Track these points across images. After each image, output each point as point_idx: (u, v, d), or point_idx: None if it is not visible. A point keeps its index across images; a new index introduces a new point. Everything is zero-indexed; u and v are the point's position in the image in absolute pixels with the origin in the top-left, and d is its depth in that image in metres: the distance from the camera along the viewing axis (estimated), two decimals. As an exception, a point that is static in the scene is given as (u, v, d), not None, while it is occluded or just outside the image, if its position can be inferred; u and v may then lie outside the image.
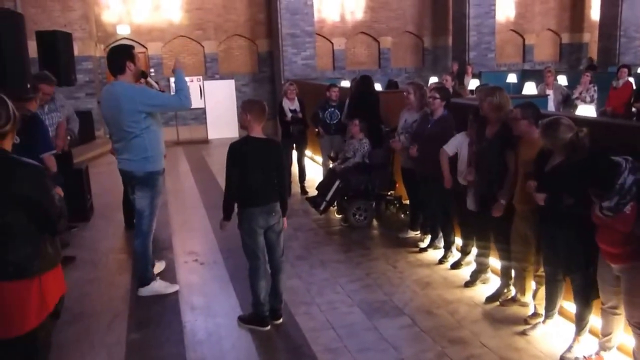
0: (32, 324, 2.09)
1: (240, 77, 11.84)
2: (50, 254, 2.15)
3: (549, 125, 2.89)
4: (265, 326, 3.42)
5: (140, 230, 3.88)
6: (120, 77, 3.65)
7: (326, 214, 5.66)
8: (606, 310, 2.78)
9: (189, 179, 8.01)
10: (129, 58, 3.63)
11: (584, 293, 2.91)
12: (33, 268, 2.07)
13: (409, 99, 4.65)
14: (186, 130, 11.53)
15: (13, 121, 2.06)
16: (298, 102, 6.55)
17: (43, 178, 2.08)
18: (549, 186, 2.89)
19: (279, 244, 3.45)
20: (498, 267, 3.80)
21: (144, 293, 3.93)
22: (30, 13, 9.29)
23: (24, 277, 2.06)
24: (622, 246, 2.52)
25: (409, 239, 4.96)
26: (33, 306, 2.08)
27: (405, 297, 3.80)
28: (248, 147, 3.26)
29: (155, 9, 11.13)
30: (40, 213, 2.06)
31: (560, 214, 2.87)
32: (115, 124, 3.69)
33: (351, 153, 5.51)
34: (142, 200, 3.80)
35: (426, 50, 13.25)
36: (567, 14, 14.31)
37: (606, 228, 2.57)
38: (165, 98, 3.82)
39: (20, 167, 2.03)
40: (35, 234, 2.08)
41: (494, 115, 3.51)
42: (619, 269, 2.61)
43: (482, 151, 3.58)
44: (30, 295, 2.07)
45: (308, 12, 10.70)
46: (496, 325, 3.38)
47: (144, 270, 3.95)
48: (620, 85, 7.63)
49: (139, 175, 3.75)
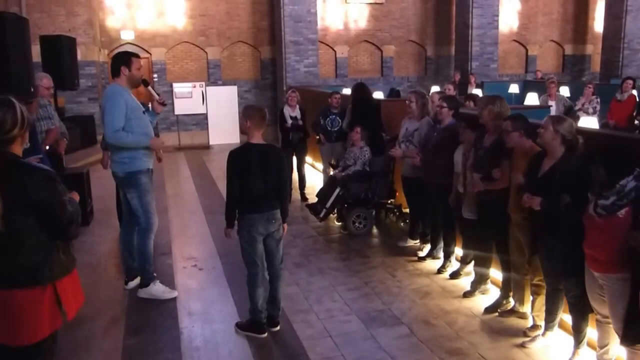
0: (44, 334, 2.04)
1: (243, 84, 11.89)
2: (63, 260, 2.10)
3: (557, 119, 2.97)
4: (262, 333, 3.40)
5: (139, 229, 3.93)
6: (116, 79, 3.81)
7: (326, 222, 5.65)
8: (600, 321, 2.79)
9: (189, 184, 8.02)
10: (124, 64, 3.76)
11: (580, 304, 2.91)
12: (45, 275, 2.03)
13: (410, 107, 4.66)
14: (188, 135, 11.56)
15: (21, 126, 2.01)
16: (299, 110, 6.58)
17: (54, 183, 2.03)
18: (545, 189, 2.91)
19: (278, 251, 3.44)
20: (498, 277, 3.78)
21: (142, 294, 3.95)
22: (35, 18, 9.35)
23: (36, 285, 2.01)
24: (608, 253, 2.55)
25: (408, 247, 4.94)
26: (46, 314, 2.03)
27: (403, 307, 3.79)
28: (248, 153, 3.26)
29: (159, 15, 11.21)
30: (51, 218, 2.02)
31: (554, 221, 2.89)
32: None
33: (352, 161, 5.52)
34: (132, 201, 3.88)
35: (429, 60, 13.30)
36: (571, 26, 14.38)
37: (595, 231, 2.60)
38: (109, 123, 3.63)
39: (30, 172, 1.99)
40: (46, 240, 2.04)
41: (494, 124, 3.53)
42: (602, 277, 2.64)
43: (479, 159, 3.58)
44: (43, 303, 2.02)
45: (311, 20, 10.77)
46: (495, 337, 3.35)
47: (143, 269, 3.96)
48: (625, 99, 7.50)
49: (120, 176, 3.85)
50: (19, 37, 3.77)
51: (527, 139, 3.24)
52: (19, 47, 3.75)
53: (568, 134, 2.90)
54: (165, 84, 11.40)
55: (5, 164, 1.95)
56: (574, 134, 2.93)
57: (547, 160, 2.99)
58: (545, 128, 2.95)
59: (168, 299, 3.94)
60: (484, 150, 3.56)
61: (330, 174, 6.20)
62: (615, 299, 2.60)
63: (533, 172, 3.05)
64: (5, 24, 3.56)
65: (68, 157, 6.22)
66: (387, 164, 5.44)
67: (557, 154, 2.94)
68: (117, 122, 3.65)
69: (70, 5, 9.81)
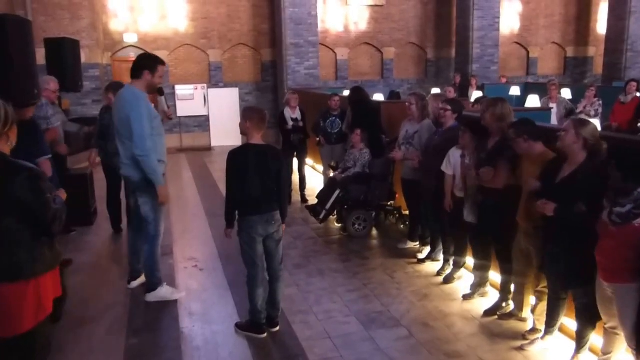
0: (29, 325, 2.11)
1: (244, 86, 11.94)
2: (48, 256, 2.16)
3: (581, 122, 2.86)
4: (262, 334, 3.43)
5: (147, 235, 3.88)
6: (135, 81, 3.69)
7: (325, 223, 5.68)
8: (608, 330, 2.73)
9: (191, 185, 8.07)
10: (149, 68, 3.66)
11: (587, 312, 2.85)
12: (29, 270, 2.09)
13: (411, 109, 4.65)
14: (189, 137, 11.62)
15: (4, 123, 2.06)
16: (299, 112, 6.62)
17: (38, 181, 2.08)
18: (561, 195, 2.78)
19: (278, 252, 3.47)
20: (497, 280, 3.79)
21: (151, 299, 3.95)
22: (40, 21, 9.44)
23: (19, 279, 2.07)
24: (620, 261, 2.48)
25: (407, 249, 4.96)
26: (30, 308, 2.10)
27: (402, 309, 3.81)
28: (247, 154, 3.29)
29: (161, 18, 11.27)
30: (35, 215, 2.07)
31: (564, 228, 2.80)
32: (120, 127, 3.69)
33: (352, 163, 5.55)
34: (145, 206, 3.80)
35: (429, 62, 13.32)
36: (573, 28, 14.31)
37: (608, 238, 2.51)
38: (140, 131, 3.57)
39: (15, 170, 2.05)
40: (29, 237, 2.09)
41: (496, 126, 3.52)
42: (611, 287, 2.57)
43: (480, 162, 3.58)
44: (26, 297, 2.09)
45: (312, 22, 10.80)
46: (493, 340, 3.36)
47: (151, 275, 3.97)
48: (629, 101, 7.34)
49: (135, 181, 3.76)
50: (22, 39, 3.77)
51: (536, 142, 3.14)
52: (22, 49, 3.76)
53: (591, 137, 2.76)
54: (168, 86, 11.44)
55: None
56: (597, 138, 2.79)
57: (568, 166, 2.85)
58: (567, 131, 2.80)
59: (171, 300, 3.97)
60: (486, 153, 3.58)
61: (330, 175, 6.24)
62: (625, 310, 2.51)
63: (550, 177, 2.92)
64: (8, 26, 3.57)
65: (72, 158, 6.28)
66: (387, 166, 5.46)
67: (578, 160, 2.80)
68: (146, 130, 3.56)
69: (75, 9, 9.89)
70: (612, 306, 2.62)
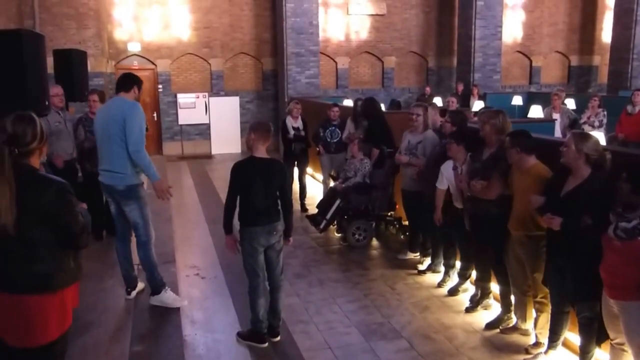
0: (53, 336, 2.14)
1: (245, 94, 12.02)
2: (73, 268, 2.20)
3: (582, 136, 2.82)
4: (263, 343, 3.44)
5: (139, 241, 3.97)
6: (124, 94, 3.87)
7: (326, 233, 5.69)
8: (615, 346, 2.69)
9: (192, 193, 8.09)
10: (137, 85, 3.91)
11: (591, 327, 2.81)
12: (56, 282, 2.12)
13: (417, 120, 4.59)
14: (190, 145, 11.67)
15: (40, 139, 2.13)
16: (301, 121, 6.67)
17: (68, 195, 2.13)
18: (566, 209, 2.74)
19: (279, 262, 3.49)
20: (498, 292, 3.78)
21: (153, 302, 4.02)
22: (47, 31, 9.54)
23: (47, 291, 2.11)
24: (625, 278, 2.43)
25: (407, 260, 4.97)
26: (55, 319, 2.13)
27: (403, 320, 3.80)
28: (251, 167, 3.33)
29: (164, 28, 11.38)
30: (64, 229, 2.11)
31: (570, 242, 2.77)
32: (105, 134, 3.80)
33: (352, 172, 5.57)
34: (132, 213, 3.88)
35: (430, 71, 13.36)
36: (577, 36, 14.16)
37: (612, 254, 2.47)
38: (138, 138, 3.75)
39: (46, 184, 2.10)
40: (59, 250, 2.13)
41: (495, 138, 3.55)
42: (617, 305, 2.53)
43: (474, 172, 3.59)
44: (52, 309, 2.12)
45: (313, 31, 10.88)
46: (495, 353, 3.34)
47: (152, 279, 4.02)
48: (637, 112, 6.92)
49: (120, 189, 3.83)
50: (35, 53, 3.86)
51: (529, 155, 3.15)
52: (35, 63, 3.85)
53: (593, 152, 2.71)
54: (170, 94, 11.54)
55: (23, 176, 2.05)
56: (599, 152, 2.73)
57: (572, 179, 2.82)
58: (567, 147, 2.75)
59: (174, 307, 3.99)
60: (481, 162, 3.60)
61: (330, 185, 6.26)
62: (632, 327, 2.47)
63: (554, 190, 2.88)
64: (22, 41, 3.66)
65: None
66: (388, 177, 5.48)
67: (582, 174, 2.76)
68: (142, 131, 3.80)
69: (81, 19, 10.03)
70: (618, 322, 2.58)
